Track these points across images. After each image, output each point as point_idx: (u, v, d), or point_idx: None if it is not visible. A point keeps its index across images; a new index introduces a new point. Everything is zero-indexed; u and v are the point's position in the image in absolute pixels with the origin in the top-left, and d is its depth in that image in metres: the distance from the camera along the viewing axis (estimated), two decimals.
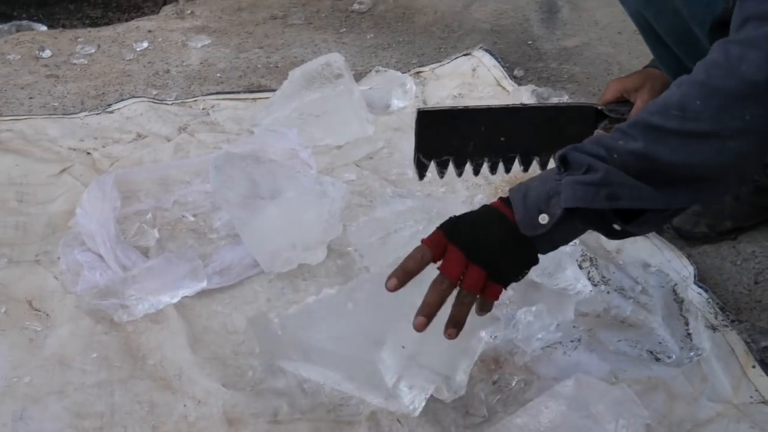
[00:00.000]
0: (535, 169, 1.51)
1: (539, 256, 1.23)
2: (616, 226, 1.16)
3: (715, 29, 1.30)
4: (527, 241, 1.20)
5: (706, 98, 1.11)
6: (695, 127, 1.11)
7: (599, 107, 1.52)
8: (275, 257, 1.60)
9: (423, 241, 1.23)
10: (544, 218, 1.16)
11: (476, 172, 1.52)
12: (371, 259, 1.57)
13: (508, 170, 1.51)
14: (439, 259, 1.21)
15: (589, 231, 1.21)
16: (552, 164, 1.46)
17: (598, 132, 1.48)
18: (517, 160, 1.50)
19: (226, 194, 1.65)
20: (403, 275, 1.20)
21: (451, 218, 1.24)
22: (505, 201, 1.22)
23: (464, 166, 1.50)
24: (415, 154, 1.47)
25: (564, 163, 1.17)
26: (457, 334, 1.21)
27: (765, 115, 1.10)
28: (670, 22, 1.44)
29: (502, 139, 1.47)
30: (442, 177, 1.50)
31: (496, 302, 1.25)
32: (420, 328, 1.19)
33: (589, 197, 1.13)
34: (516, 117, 1.48)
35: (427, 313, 1.19)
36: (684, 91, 1.13)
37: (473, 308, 1.22)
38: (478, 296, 1.22)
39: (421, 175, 1.50)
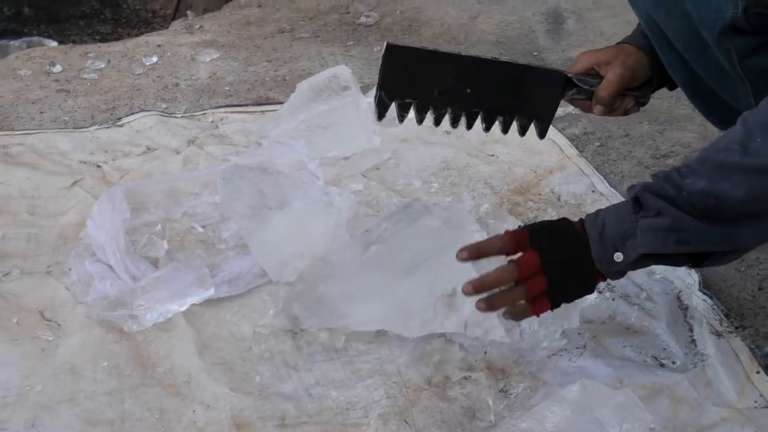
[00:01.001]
0: (496, 129, 1.48)
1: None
2: (687, 267, 1.20)
3: (724, 35, 1.32)
4: (596, 277, 1.27)
5: (767, 134, 1.14)
6: (756, 161, 1.14)
7: (569, 75, 1.49)
8: (283, 266, 1.62)
9: (507, 232, 1.28)
10: (619, 257, 1.22)
11: (437, 122, 1.46)
12: None
13: (469, 126, 1.47)
14: (512, 254, 1.27)
15: None
16: (514, 128, 1.48)
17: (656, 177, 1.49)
18: (480, 118, 1.46)
19: (234, 205, 1.67)
20: (476, 251, 1.28)
21: (537, 223, 1.32)
22: (582, 225, 1.27)
23: (426, 113, 1.44)
24: (377, 91, 1.41)
25: (637, 204, 1.21)
26: (484, 310, 1.28)
27: None
28: (679, 25, 1.43)
29: (468, 90, 1.43)
30: (401, 121, 1.46)
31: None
32: (467, 293, 1.26)
33: (660, 243, 1.19)
34: (485, 69, 1.43)
35: (478, 288, 1.26)
36: (747, 129, 1.16)
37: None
38: (524, 302, 1.28)
39: (381, 114, 1.44)
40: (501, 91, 1.44)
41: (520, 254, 1.27)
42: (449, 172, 2.00)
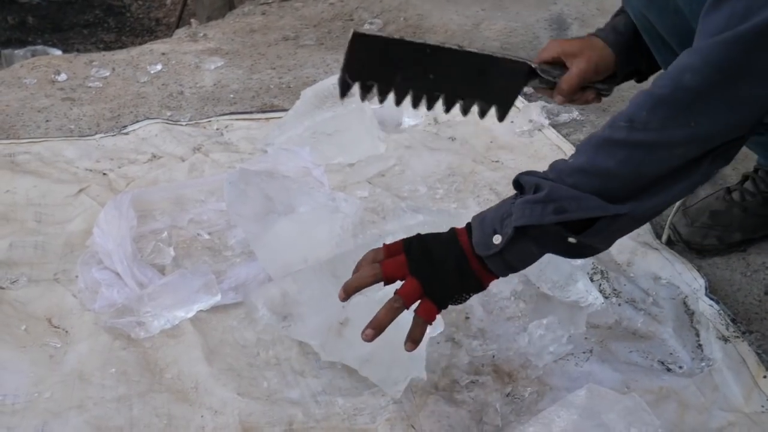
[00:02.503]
0: (456, 113, 1.50)
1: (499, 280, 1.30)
2: (571, 239, 1.20)
3: None
4: (473, 268, 1.26)
5: (653, 108, 1.16)
6: (642, 137, 1.16)
7: (533, 65, 1.50)
8: (287, 271, 1.62)
9: (384, 245, 1.32)
10: (497, 239, 1.22)
11: (398, 102, 1.48)
12: None
13: (429, 107, 1.50)
14: (386, 275, 1.28)
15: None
16: (475, 110, 1.49)
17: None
18: (441, 100, 1.48)
19: (239, 209, 1.68)
20: (351, 288, 1.30)
21: (416, 235, 1.32)
22: (467, 227, 1.28)
23: (388, 94, 1.47)
24: (341, 72, 1.44)
25: (518, 187, 1.23)
26: (374, 337, 1.26)
27: (708, 123, 1.14)
28: (672, 22, 1.44)
29: (431, 76, 1.45)
30: (363, 100, 1.48)
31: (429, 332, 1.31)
32: (368, 339, 1.26)
33: (537, 214, 1.18)
34: (449, 58, 1.45)
35: (375, 328, 1.26)
36: (636, 102, 1.18)
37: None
38: (414, 316, 1.27)
39: (343, 93, 1.46)
40: (463, 78, 1.47)
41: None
42: (454, 178, 2.00)
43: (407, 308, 1.27)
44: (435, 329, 1.43)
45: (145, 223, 1.80)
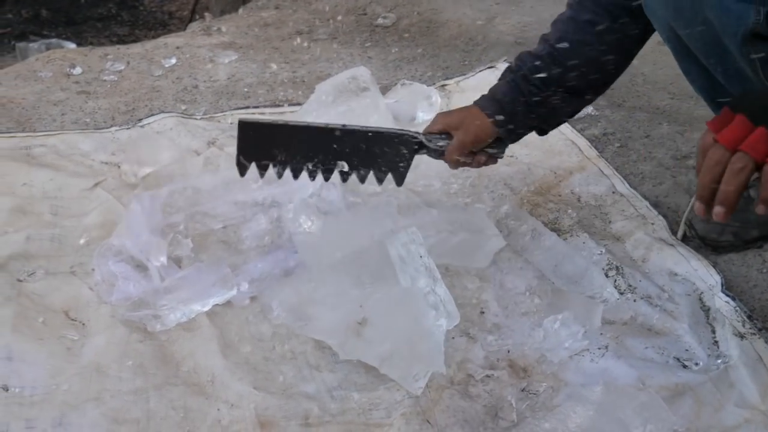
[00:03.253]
0: (354, 181, 1.57)
1: None
2: None
3: (747, 41, 1.32)
4: None
5: None
6: None
7: (420, 137, 1.58)
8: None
9: (707, 123, 1.18)
10: None
11: (295, 176, 1.56)
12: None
13: (326, 179, 1.57)
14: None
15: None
16: (372, 178, 1.57)
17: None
18: (336, 173, 1.56)
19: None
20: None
21: (731, 100, 1.19)
22: None
23: (284, 170, 1.55)
24: (236, 155, 1.54)
25: None
26: (726, 216, 1.13)
27: None
28: (700, 33, 1.44)
29: (320, 156, 1.54)
30: (261, 177, 1.57)
31: None
32: (702, 214, 1.15)
33: None
34: (335, 138, 1.53)
35: (707, 197, 1.14)
36: None
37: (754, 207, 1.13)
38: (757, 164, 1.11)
39: (242, 173, 1.56)
40: (354, 154, 1.54)
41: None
42: (469, 173, 2.00)
43: (759, 161, 1.10)
44: (451, 321, 1.43)
45: (162, 217, 1.79)
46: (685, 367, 1.49)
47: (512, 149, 2.10)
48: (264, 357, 1.50)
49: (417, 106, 2.26)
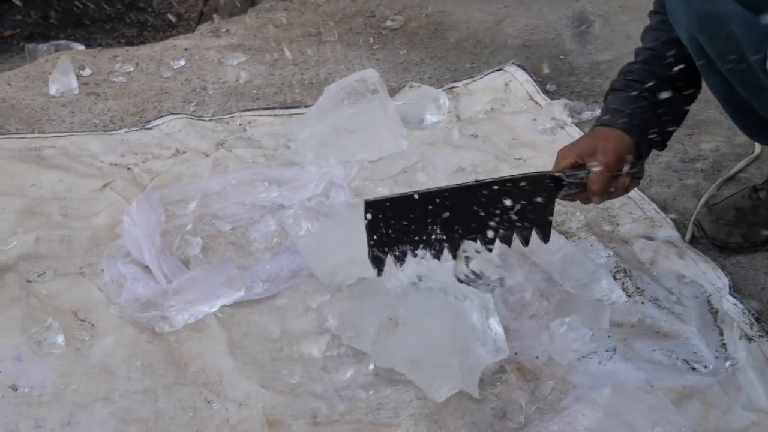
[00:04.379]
0: (500, 245, 1.43)
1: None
2: None
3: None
4: None
5: None
6: None
7: (557, 174, 1.44)
8: (335, 271, 1.63)
9: None
10: None
11: (437, 257, 1.40)
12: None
13: (469, 256, 1.45)
14: None
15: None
16: (515, 239, 1.41)
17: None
18: (480, 241, 1.40)
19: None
20: None
21: None
22: None
23: (425, 252, 1.39)
24: (368, 249, 1.36)
25: None
26: None
27: None
28: (723, 47, 1.43)
29: (458, 222, 1.38)
30: (401, 266, 1.40)
31: None
32: None
33: None
34: (469, 196, 1.37)
35: None
36: None
37: None
38: None
39: (380, 270, 1.38)
40: (492, 212, 1.38)
41: None
42: (477, 175, 2.01)
43: None
44: (498, 356, 1.41)
45: (169, 219, 1.81)
46: (693, 369, 1.49)
47: (521, 152, 2.11)
48: (272, 357, 1.51)
49: (425, 109, 2.27)
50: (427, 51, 2.73)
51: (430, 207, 1.35)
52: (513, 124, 2.23)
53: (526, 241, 1.42)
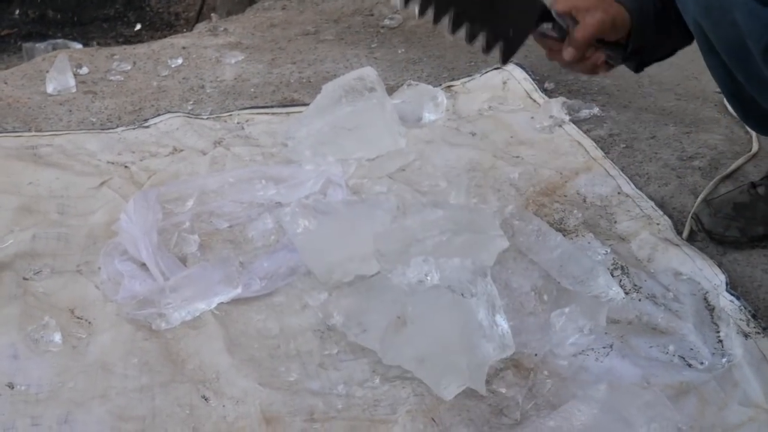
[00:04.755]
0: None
1: None
2: None
3: None
4: None
5: None
6: None
7: (548, 8, 1.46)
8: (333, 269, 1.64)
9: None
10: None
11: (453, 31, 1.50)
12: (389, 264, 1.59)
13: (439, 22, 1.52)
14: None
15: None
16: (480, 42, 1.49)
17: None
18: (448, 18, 1.50)
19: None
20: None
21: None
22: None
23: (443, 16, 1.50)
24: None
25: None
26: None
27: None
28: (726, 34, 1.44)
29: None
30: (421, 16, 1.53)
31: None
32: None
33: None
34: None
35: None
36: None
37: None
38: None
39: (407, 2, 1.53)
40: (479, 2, 1.46)
41: None
42: (474, 173, 2.01)
43: None
44: (504, 352, 1.42)
45: (167, 216, 1.81)
46: (689, 366, 1.49)
47: (518, 150, 2.12)
48: (269, 354, 1.51)
49: (423, 107, 2.27)
50: (425, 49, 2.73)
51: None
52: (511, 123, 2.24)
53: (487, 48, 1.47)
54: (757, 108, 1.56)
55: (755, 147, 2.06)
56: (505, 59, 1.48)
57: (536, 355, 1.50)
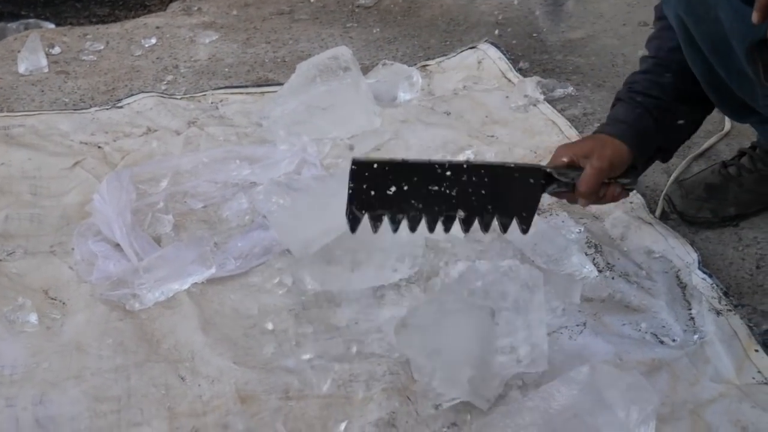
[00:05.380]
0: (476, 230, 1.40)
1: None
2: None
3: (754, 47, 1.32)
4: None
5: None
6: None
7: (549, 170, 1.44)
8: (308, 244, 1.61)
9: None
10: None
11: (412, 228, 1.38)
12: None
13: (447, 230, 1.40)
14: None
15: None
16: (495, 226, 1.40)
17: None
18: (458, 221, 1.39)
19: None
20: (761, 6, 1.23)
21: None
22: None
23: (400, 222, 1.38)
24: (348, 205, 1.35)
25: None
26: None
27: None
28: (708, 30, 1.45)
29: (442, 196, 1.37)
30: (375, 231, 1.38)
31: None
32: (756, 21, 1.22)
33: None
34: (458, 174, 1.36)
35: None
36: None
37: None
38: None
39: (353, 228, 1.37)
40: (477, 193, 1.38)
41: None
42: (449, 151, 2.01)
43: None
44: (535, 368, 1.39)
45: (141, 197, 1.80)
46: (662, 342, 1.50)
47: (493, 129, 2.12)
48: (244, 333, 1.51)
49: (398, 86, 2.27)
50: (401, 29, 2.72)
51: (416, 178, 1.35)
52: (485, 102, 2.24)
53: (504, 228, 1.41)
54: (732, 96, 1.57)
55: (727, 126, 2.07)
56: (526, 231, 1.42)
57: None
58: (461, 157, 1.97)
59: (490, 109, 2.21)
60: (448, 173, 1.35)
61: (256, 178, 1.88)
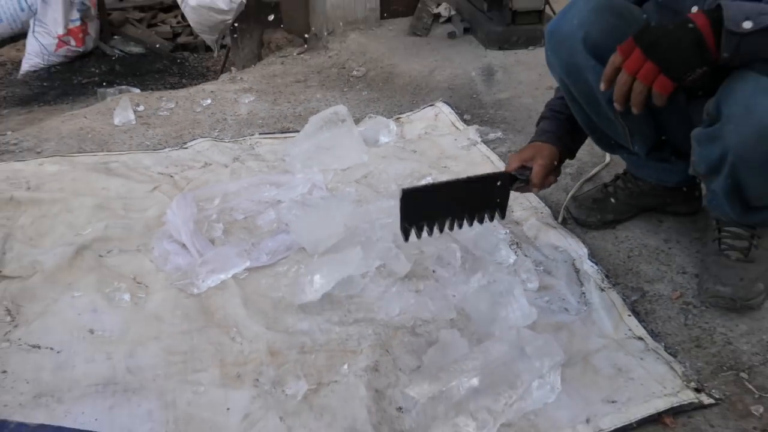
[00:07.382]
0: (475, 225, 1.46)
1: None
2: None
3: (610, 100, 1.32)
4: (708, 45, 1.13)
5: None
6: None
7: (513, 173, 1.48)
8: (318, 244, 1.62)
9: (617, 47, 1.23)
10: (748, 24, 1.10)
11: (440, 230, 1.42)
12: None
13: (460, 226, 1.44)
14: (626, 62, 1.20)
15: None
16: (487, 220, 1.44)
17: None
18: (465, 220, 1.44)
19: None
20: (606, 79, 1.26)
21: (642, 28, 1.20)
22: (707, 13, 1.14)
23: (433, 229, 1.41)
24: (401, 221, 1.36)
25: None
26: (621, 107, 1.23)
27: None
28: (582, 89, 1.47)
29: (459, 206, 1.41)
30: (419, 238, 1.40)
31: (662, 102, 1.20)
32: (620, 108, 1.25)
33: None
34: (467, 186, 1.41)
35: (621, 102, 1.23)
36: None
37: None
38: (650, 88, 1.19)
39: (406, 237, 1.39)
40: (475, 199, 1.42)
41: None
42: (414, 178, 2.01)
43: (648, 84, 1.18)
44: (529, 318, 1.41)
45: (200, 211, 1.79)
46: (565, 310, 1.51)
47: (446, 162, 2.12)
48: (273, 307, 1.50)
49: (380, 133, 2.27)
50: (381, 92, 2.72)
51: (442, 195, 1.39)
52: (441, 143, 2.24)
53: (491, 218, 1.45)
54: (606, 137, 1.59)
55: (608, 159, 2.08)
56: (503, 217, 1.47)
57: (464, 309, 1.49)
58: (424, 182, 1.97)
59: (444, 148, 2.21)
60: (461, 187, 1.40)
61: (280, 197, 1.88)
